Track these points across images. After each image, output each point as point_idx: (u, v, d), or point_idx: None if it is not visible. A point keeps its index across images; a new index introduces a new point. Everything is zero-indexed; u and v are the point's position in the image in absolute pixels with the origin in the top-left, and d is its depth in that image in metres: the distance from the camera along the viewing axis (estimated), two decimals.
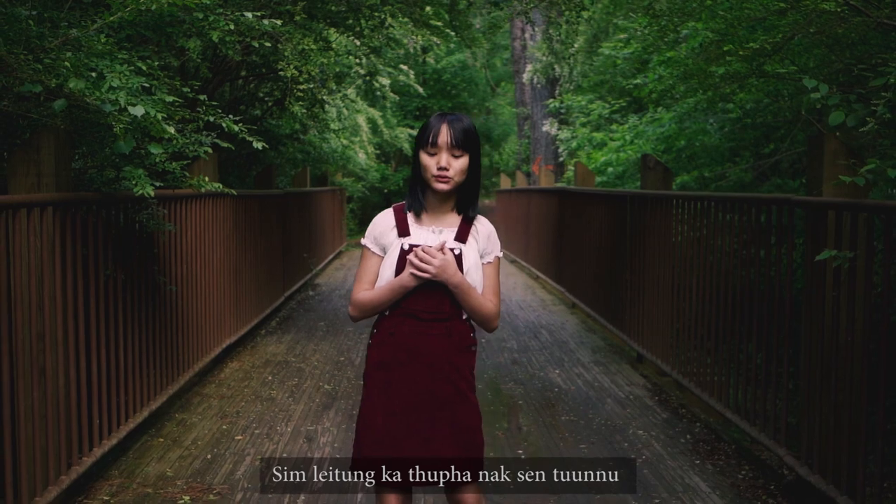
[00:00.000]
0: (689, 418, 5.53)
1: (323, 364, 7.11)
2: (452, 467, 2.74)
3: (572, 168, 13.32)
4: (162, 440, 5.02)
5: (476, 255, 2.79)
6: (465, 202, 2.80)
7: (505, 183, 20.16)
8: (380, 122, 18.66)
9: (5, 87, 3.66)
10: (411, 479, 2.75)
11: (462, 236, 2.78)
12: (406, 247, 2.75)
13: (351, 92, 12.80)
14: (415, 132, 24.34)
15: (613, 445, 4.98)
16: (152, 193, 3.88)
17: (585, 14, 12.46)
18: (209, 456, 4.76)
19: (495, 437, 5.11)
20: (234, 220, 7.39)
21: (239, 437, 5.10)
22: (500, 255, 2.89)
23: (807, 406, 4.10)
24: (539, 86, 19.59)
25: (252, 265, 8.16)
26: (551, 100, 17.60)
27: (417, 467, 2.73)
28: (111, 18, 3.85)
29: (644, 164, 7.18)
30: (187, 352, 5.90)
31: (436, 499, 4.05)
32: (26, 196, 3.58)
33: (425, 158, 2.72)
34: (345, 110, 14.77)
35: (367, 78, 10.45)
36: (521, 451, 4.86)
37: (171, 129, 3.66)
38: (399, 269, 2.74)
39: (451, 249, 2.73)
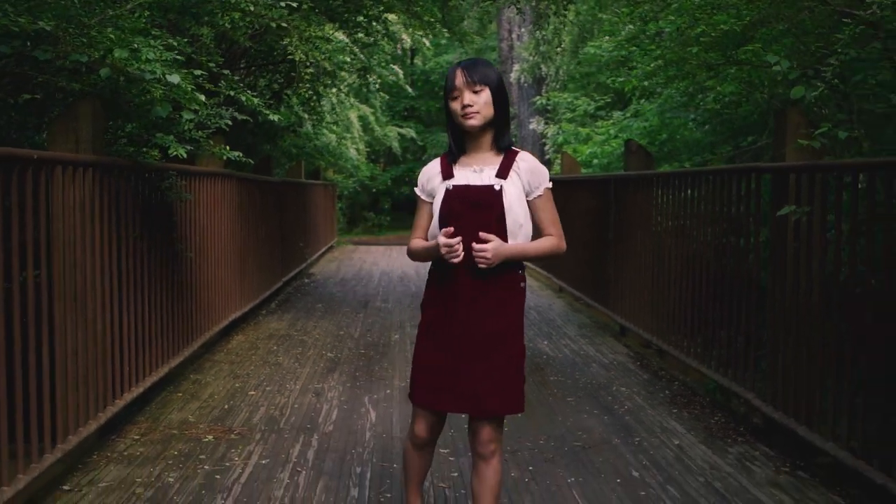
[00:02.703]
0: (667, 378, 5.96)
1: (324, 337, 7.51)
2: (483, 401, 2.87)
3: (559, 163, 13.76)
4: (181, 395, 5.42)
5: (518, 191, 2.90)
6: (500, 138, 2.95)
7: None
8: (371, 118, 19.06)
9: (49, 60, 4.05)
10: (446, 410, 3.01)
11: (503, 172, 2.90)
12: (450, 187, 2.92)
13: (344, 88, 13.18)
14: (404, 131, 24.88)
15: (598, 399, 5.41)
16: (185, 154, 4.29)
17: (571, 11, 12.92)
18: (226, 406, 5.16)
19: None
20: (239, 202, 7.80)
21: (252, 393, 5.50)
22: (549, 185, 2.96)
23: (772, 356, 4.54)
24: (526, 85, 20.03)
25: (254, 247, 8.56)
26: (538, 97, 18.05)
27: (469, 404, 2.91)
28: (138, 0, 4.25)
29: (627, 149, 7.62)
30: (200, 318, 6.30)
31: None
32: (71, 155, 3.98)
33: (452, 105, 2.90)
34: (338, 107, 15.18)
35: (361, 72, 10.84)
36: None
37: (202, 98, 4.07)
38: (443, 210, 2.92)
39: (489, 186, 2.89)
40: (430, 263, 3.04)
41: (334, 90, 12.31)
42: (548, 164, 18.86)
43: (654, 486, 3.86)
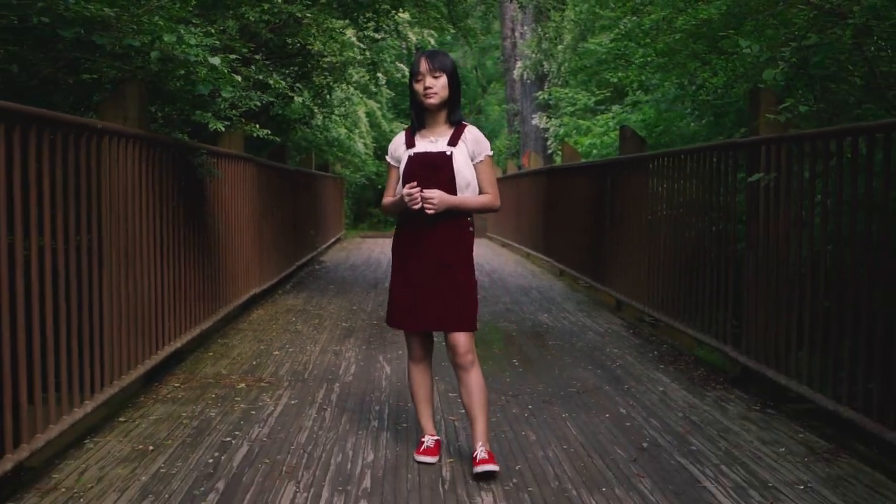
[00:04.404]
0: (657, 343, 6.48)
1: (338, 311, 8.03)
2: (443, 322, 3.60)
3: (561, 155, 14.28)
4: (211, 354, 5.94)
5: (465, 156, 3.57)
6: (452, 113, 3.62)
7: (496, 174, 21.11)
8: (378, 113, 19.59)
9: (100, 45, 4.56)
10: (416, 329, 3.70)
11: (454, 141, 3.59)
12: (412, 154, 3.62)
13: (354, 82, 13.71)
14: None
15: (593, 358, 5.92)
16: (223, 129, 4.81)
17: (572, 10, 13.42)
18: (254, 363, 5.68)
19: (493, 353, 6.04)
20: (258, 185, 8.32)
21: (276, 353, 6.03)
22: (490, 153, 3.65)
23: (746, 312, 5.05)
24: (529, 81, 20.55)
25: (271, 230, 9.08)
26: (540, 92, 18.56)
27: (428, 323, 3.64)
28: None
29: (622, 135, 8.14)
30: (226, 288, 6.84)
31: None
32: (126, 128, 4.50)
33: (415, 86, 3.56)
34: (346, 103, 15.71)
35: (370, 67, 11.36)
36: (515, 361, 5.79)
37: (238, 78, 4.59)
38: (406, 172, 3.63)
39: (442, 152, 3.59)
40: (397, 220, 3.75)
41: (345, 85, 12.82)
42: (550, 157, 19.40)
43: (639, 419, 4.37)
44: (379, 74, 14.16)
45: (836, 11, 4.49)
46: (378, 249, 15.96)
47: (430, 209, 3.50)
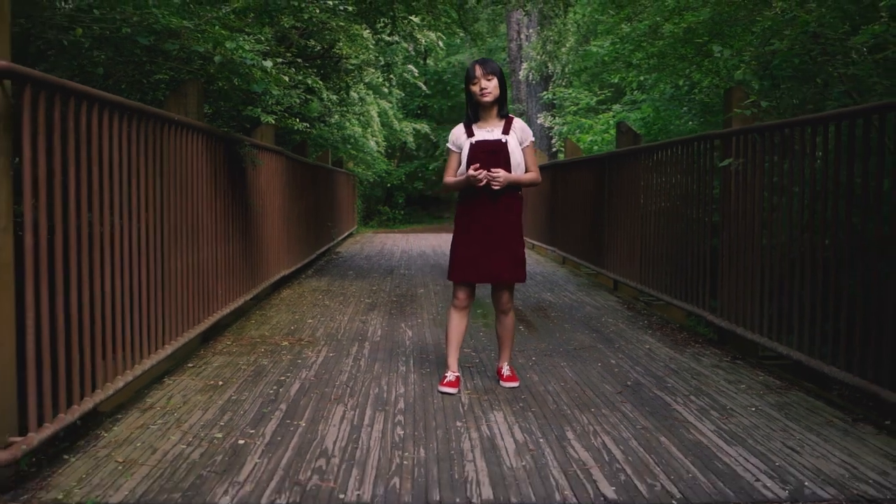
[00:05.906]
0: (647, 314, 7.27)
1: (360, 291, 8.84)
2: (503, 275, 4.50)
3: (563, 152, 15.08)
4: (253, 322, 6.74)
5: (516, 142, 4.49)
6: (501, 108, 4.54)
7: None
8: (389, 112, 20.42)
9: (166, 50, 5.37)
10: (477, 282, 4.57)
11: (506, 130, 4.51)
12: (473, 142, 4.50)
13: (366, 83, 14.50)
14: (419, 127, 26.27)
15: (589, 325, 6.71)
16: (273, 121, 5.61)
17: (575, 13, 14.20)
18: (292, 328, 6.49)
19: None
20: (287, 177, 9.12)
21: (310, 321, 6.83)
22: (533, 139, 4.60)
23: (721, 280, 5.83)
24: (534, 82, 21.34)
25: (295, 218, 9.89)
26: (545, 92, 19.33)
27: (489, 277, 4.51)
28: (237, 5, 5.58)
29: (618, 130, 8.92)
30: (261, 267, 7.64)
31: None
32: (186, 119, 5.30)
33: (472, 88, 4.48)
34: (359, 103, 16.52)
35: (385, 68, 12.15)
36: (521, 327, 6.59)
37: (286, 79, 5.39)
38: (470, 156, 4.49)
39: (499, 140, 4.46)
40: (454, 203, 4.60)
41: (361, 85, 13.61)
42: (555, 155, 20.19)
43: (626, 367, 5.16)
44: (394, 74, 14.99)
45: (795, 20, 5.27)
46: (390, 242, 16.76)
47: (496, 185, 4.38)
